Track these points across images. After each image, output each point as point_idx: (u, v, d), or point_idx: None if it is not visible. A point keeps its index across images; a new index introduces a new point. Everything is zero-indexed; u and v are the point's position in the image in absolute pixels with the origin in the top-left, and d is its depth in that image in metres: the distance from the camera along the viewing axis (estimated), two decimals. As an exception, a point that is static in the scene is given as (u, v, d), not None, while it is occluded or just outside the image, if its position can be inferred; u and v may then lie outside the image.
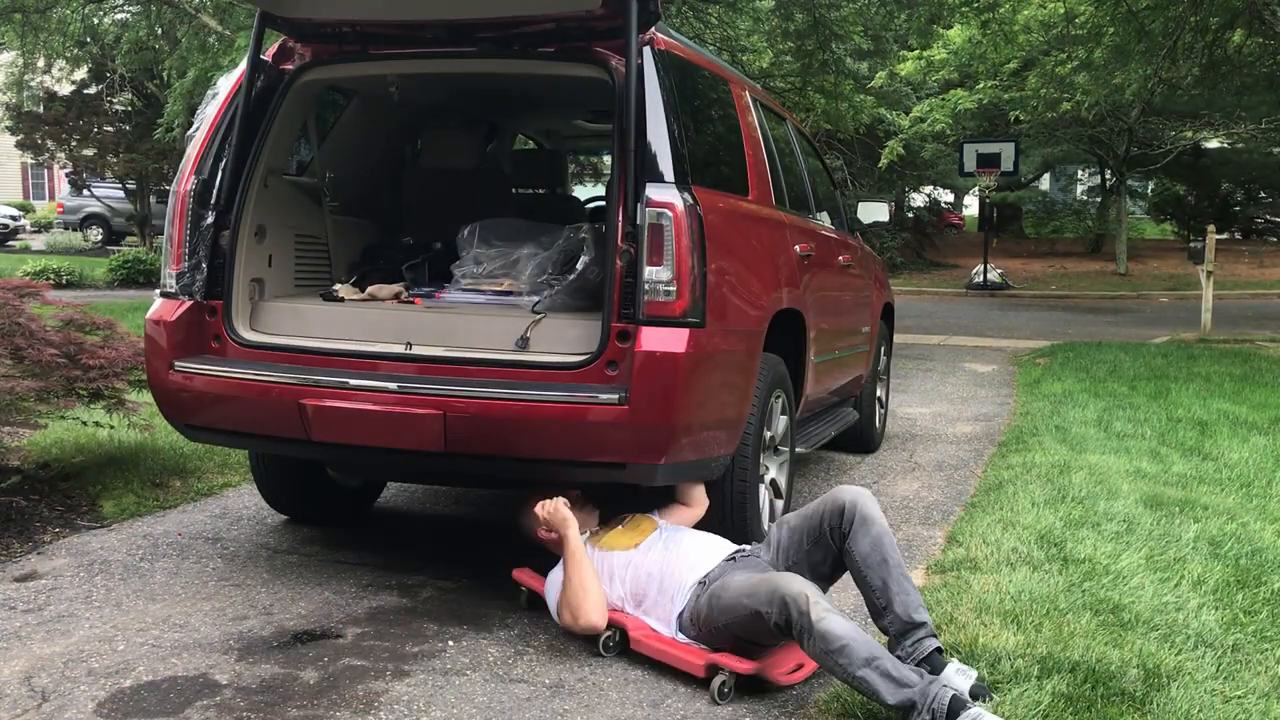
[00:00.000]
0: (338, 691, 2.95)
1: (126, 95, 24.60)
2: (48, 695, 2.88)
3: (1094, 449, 5.92)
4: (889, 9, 14.43)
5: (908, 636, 2.87)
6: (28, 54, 20.26)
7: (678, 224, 3.34)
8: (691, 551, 3.33)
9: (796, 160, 5.33)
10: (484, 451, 3.43)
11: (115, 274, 17.09)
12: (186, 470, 5.23)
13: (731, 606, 3.00)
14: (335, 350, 3.68)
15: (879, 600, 2.95)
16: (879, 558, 2.98)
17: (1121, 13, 13.51)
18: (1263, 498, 4.93)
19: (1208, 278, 13.20)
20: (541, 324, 3.61)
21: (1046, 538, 4.19)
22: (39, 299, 5.03)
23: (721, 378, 3.60)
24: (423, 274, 4.49)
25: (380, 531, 4.59)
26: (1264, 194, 29.78)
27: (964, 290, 21.14)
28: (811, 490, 5.37)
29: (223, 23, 14.34)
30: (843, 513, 3.08)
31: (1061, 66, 16.47)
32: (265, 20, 3.84)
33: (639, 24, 3.43)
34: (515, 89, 5.01)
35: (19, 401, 4.45)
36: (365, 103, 4.68)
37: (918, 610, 2.91)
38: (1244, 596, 3.60)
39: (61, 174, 32.69)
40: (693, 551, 3.33)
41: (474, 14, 3.68)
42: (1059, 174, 33.79)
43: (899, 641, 2.88)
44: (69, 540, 4.25)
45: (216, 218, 3.81)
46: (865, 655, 2.67)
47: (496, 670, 3.12)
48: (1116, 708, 2.77)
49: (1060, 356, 10.38)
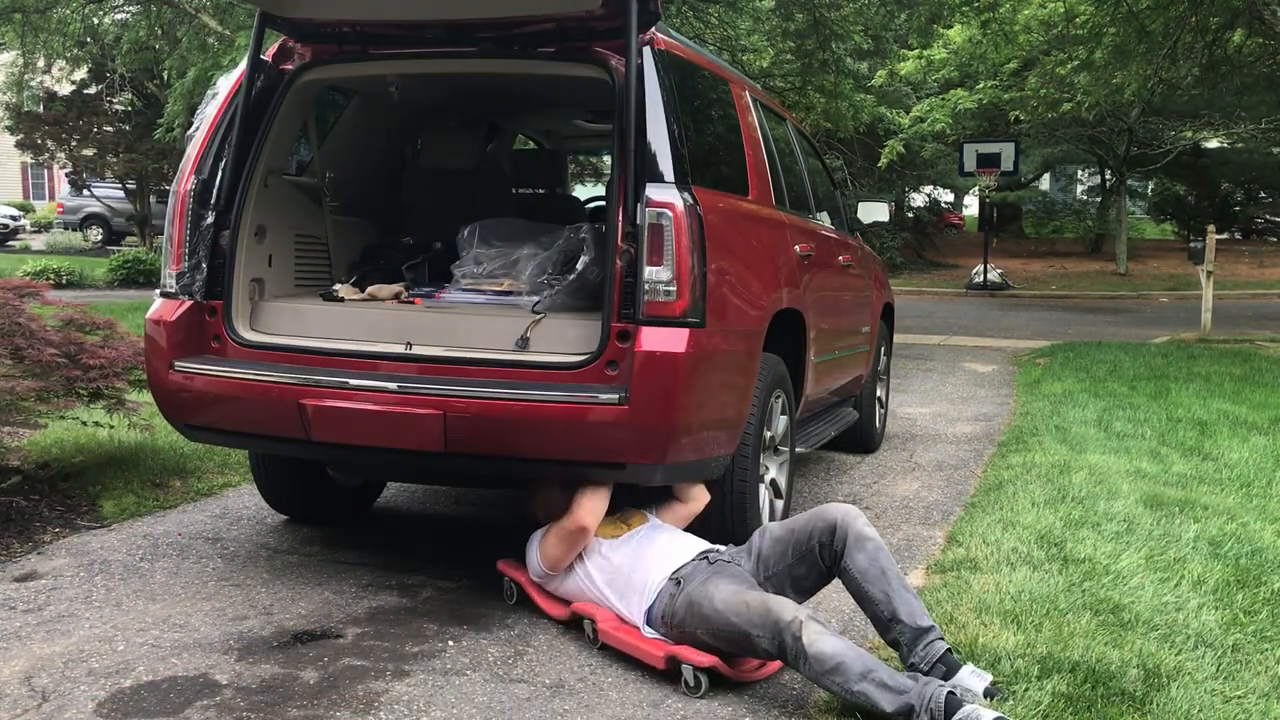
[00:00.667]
0: (338, 691, 2.95)
1: (126, 95, 24.60)
2: (48, 695, 2.88)
3: (1094, 449, 5.92)
4: (889, 9, 14.43)
5: (919, 642, 2.88)
6: (28, 54, 20.28)
7: (678, 224, 3.34)
8: (665, 546, 3.36)
9: (796, 160, 5.33)
10: (484, 452, 3.43)
11: (115, 274, 17.09)
12: (186, 470, 5.23)
13: (714, 620, 3.00)
14: (335, 350, 3.68)
15: (884, 612, 2.95)
16: (878, 571, 2.99)
17: (1122, 13, 13.50)
18: (1263, 498, 4.93)
19: (1208, 278, 13.20)
20: (541, 324, 3.61)
21: (1046, 538, 4.19)
22: (39, 299, 5.03)
23: (721, 378, 3.60)
24: (423, 274, 4.49)
25: (380, 531, 4.59)
26: (1264, 194, 29.79)
27: (964, 290, 21.14)
28: (811, 490, 5.37)
29: (223, 23, 14.34)
30: (834, 530, 3.08)
31: (1062, 66, 16.48)
32: (265, 20, 3.84)
33: (639, 24, 3.43)
34: (515, 89, 5.01)
35: (19, 401, 4.45)
36: (365, 103, 4.68)
37: (923, 616, 2.93)
38: (1244, 596, 3.60)
39: (61, 174, 32.71)
40: (666, 546, 3.36)
41: (474, 14, 3.68)
42: (1059, 174, 33.80)
43: (911, 648, 2.89)
44: (69, 540, 4.25)
45: (216, 218, 3.81)
46: (860, 670, 2.70)
47: (496, 670, 3.12)
48: (1116, 708, 2.77)
49: (1060, 356, 10.38)
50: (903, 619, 2.91)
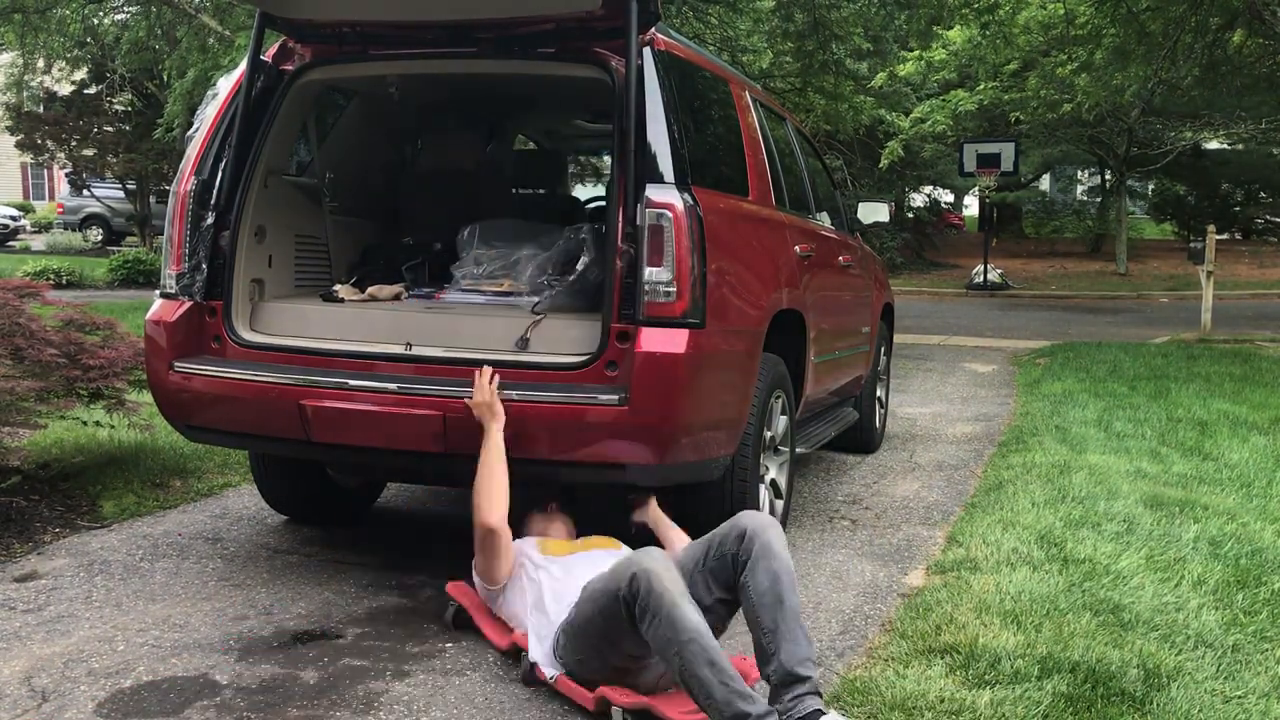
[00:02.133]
0: (338, 691, 2.95)
1: (126, 95, 24.62)
2: (48, 695, 2.88)
3: (1094, 449, 5.92)
4: (889, 10, 14.43)
5: (788, 690, 2.53)
6: (28, 54, 20.30)
7: (678, 225, 3.34)
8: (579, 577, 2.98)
9: (796, 160, 5.33)
10: (484, 452, 3.42)
11: (115, 274, 17.09)
12: (186, 470, 5.23)
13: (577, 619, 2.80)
14: (335, 351, 3.68)
15: (768, 644, 2.60)
16: (774, 596, 2.64)
17: (1121, 14, 13.50)
18: (1263, 498, 4.93)
19: (1208, 278, 13.20)
20: (541, 325, 3.61)
21: (1046, 538, 4.19)
22: (39, 299, 5.03)
23: (721, 378, 3.60)
24: (423, 274, 4.49)
25: (380, 531, 4.59)
26: (1264, 194, 29.75)
27: (964, 290, 21.14)
28: (812, 490, 5.37)
29: (223, 23, 14.35)
30: (743, 538, 2.76)
31: (1062, 68, 16.48)
32: (265, 20, 3.84)
33: (639, 24, 3.43)
34: (515, 89, 5.01)
35: (19, 401, 4.45)
36: (365, 103, 4.68)
37: (804, 664, 2.55)
38: (1244, 596, 3.61)
39: (61, 174, 32.70)
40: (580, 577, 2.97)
41: (474, 14, 3.68)
42: (1059, 174, 33.80)
43: (779, 693, 2.54)
44: (69, 540, 4.25)
45: (216, 218, 3.81)
46: (710, 659, 2.45)
47: (496, 670, 3.12)
48: (1116, 708, 2.77)
49: (1060, 356, 10.39)
50: (781, 658, 2.56)
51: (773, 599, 2.64)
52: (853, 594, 3.78)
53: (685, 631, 2.49)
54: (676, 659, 2.49)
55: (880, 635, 3.38)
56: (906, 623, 3.38)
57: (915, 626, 3.33)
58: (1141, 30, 13.62)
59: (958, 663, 3.04)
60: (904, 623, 3.39)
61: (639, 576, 2.58)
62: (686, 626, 2.49)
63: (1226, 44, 14.68)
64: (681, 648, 2.48)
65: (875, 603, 3.71)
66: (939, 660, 3.07)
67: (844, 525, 4.73)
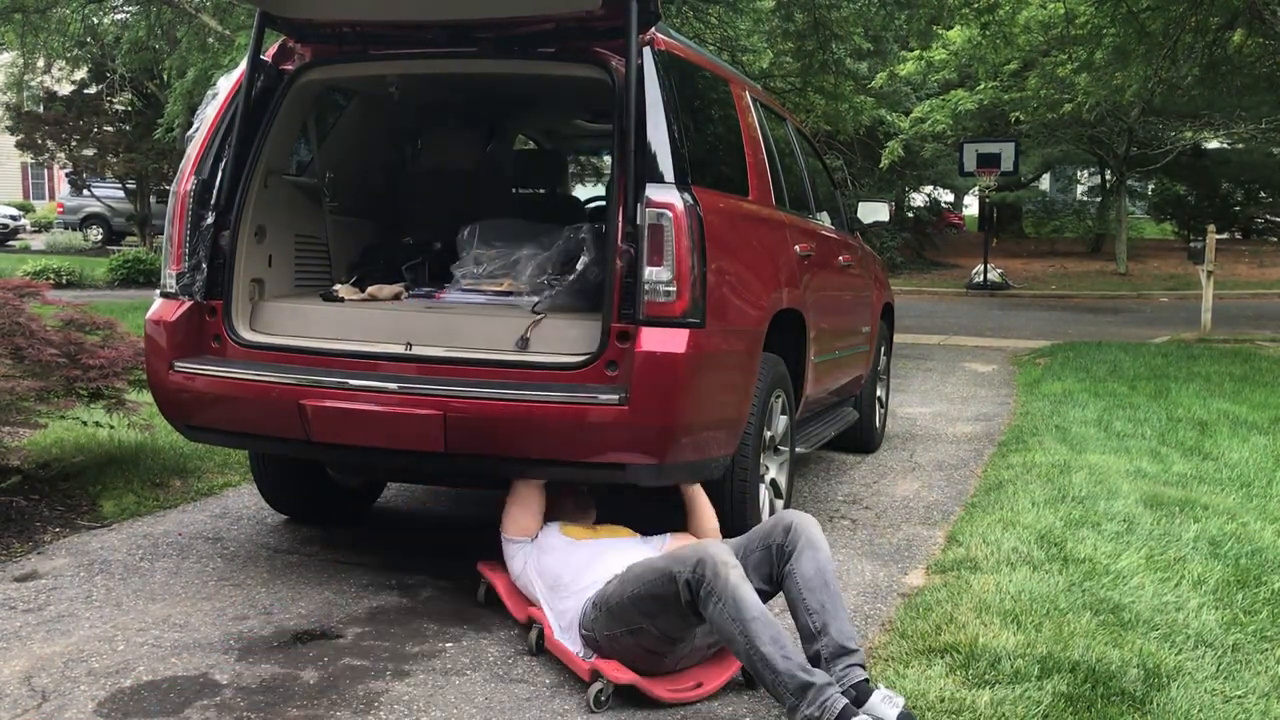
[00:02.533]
0: (338, 691, 2.95)
1: (126, 95, 24.62)
2: (48, 695, 2.88)
3: (1094, 449, 5.92)
4: (889, 10, 14.42)
5: (839, 662, 2.76)
6: (28, 54, 20.30)
7: (678, 224, 3.34)
8: (613, 561, 3.19)
9: (796, 160, 5.33)
10: (484, 452, 3.43)
11: (115, 274, 17.09)
12: (186, 470, 5.23)
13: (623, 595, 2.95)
14: (335, 350, 3.68)
15: (815, 623, 2.84)
16: (822, 581, 2.89)
17: (1121, 13, 13.51)
18: (1263, 498, 4.93)
19: (1208, 278, 13.20)
20: (541, 324, 3.61)
21: (1046, 538, 4.19)
22: (39, 299, 5.03)
23: (721, 378, 3.60)
24: (423, 274, 4.49)
25: (380, 531, 4.59)
26: (1264, 194, 29.75)
27: (964, 290, 21.14)
28: (812, 490, 5.37)
29: (223, 23, 14.34)
30: (789, 530, 2.99)
31: (1062, 67, 16.48)
32: (265, 20, 3.84)
33: (639, 24, 3.43)
34: (515, 89, 5.01)
35: (19, 401, 4.45)
36: (365, 103, 4.68)
37: (852, 639, 2.82)
38: (1244, 596, 3.61)
39: (61, 174, 32.72)
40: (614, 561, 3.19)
41: (474, 14, 3.68)
42: (1059, 174, 33.77)
43: (830, 665, 2.77)
44: (69, 540, 4.25)
45: (216, 218, 3.81)
46: (774, 635, 2.67)
47: (496, 670, 3.12)
48: (1116, 708, 2.77)
49: (1060, 356, 10.38)
50: (832, 633, 2.80)
51: (819, 583, 2.90)
52: (853, 594, 3.78)
53: (750, 610, 2.71)
54: (741, 638, 2.70)
55: (880, 635, 3.39)
56: (906, 622, 3.39)
57: (915, 626, 3.33)
58: (1141, 30, 13.62)
59: (958, 662, 3.04)
60: (904, 622, 3.40)
61: (705, 562, 2.79)
62: (750, 606, 2.71)
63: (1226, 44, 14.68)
64: (746, 625, 2.69)
65: (875, 602, 3.72)
66: (939, 660, 3.07)
67: (844, 525, 4.73)
